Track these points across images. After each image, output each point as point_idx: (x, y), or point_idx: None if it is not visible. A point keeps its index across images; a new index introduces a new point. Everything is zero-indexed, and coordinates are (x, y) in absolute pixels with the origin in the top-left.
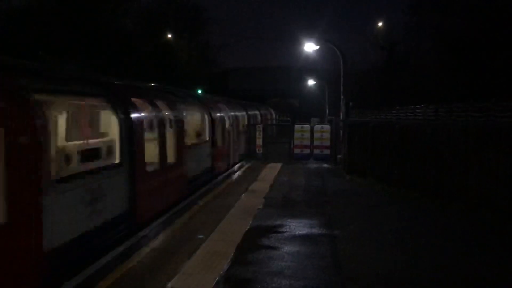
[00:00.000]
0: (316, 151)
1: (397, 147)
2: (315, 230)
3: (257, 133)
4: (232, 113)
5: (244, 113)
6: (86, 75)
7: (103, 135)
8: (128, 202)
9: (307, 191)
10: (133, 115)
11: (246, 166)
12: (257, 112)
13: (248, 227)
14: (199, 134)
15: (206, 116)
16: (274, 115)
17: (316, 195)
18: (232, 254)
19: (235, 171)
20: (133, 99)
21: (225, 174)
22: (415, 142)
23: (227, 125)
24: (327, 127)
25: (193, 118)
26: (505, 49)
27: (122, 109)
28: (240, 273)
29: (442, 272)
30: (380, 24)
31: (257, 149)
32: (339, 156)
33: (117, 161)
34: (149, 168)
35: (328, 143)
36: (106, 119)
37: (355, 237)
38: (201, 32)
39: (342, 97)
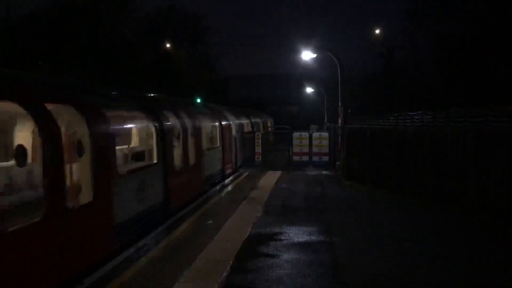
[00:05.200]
0: (315, 158)
1: (396, 153)
2: (314, 237)
3: (256, 140)
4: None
5: (247, 120)
6: None
7: None
8: None
9: (306, 198)
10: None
11: (246, 174)
12: (259, 119)
13: (247, 234)
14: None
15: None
16: (272, 123)
17: (315, 202)
18: (231, 262)
19: (229, 183)
20: (48, 105)
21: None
22: (414, 148)
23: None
24: (325, 134)
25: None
26: (503, 53)
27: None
28: (239, 281)
29: (443, 278)
30: (377, 31)
31: (256, 157)
32: (338, 163)
33: None
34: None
35: (326, 150)
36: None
37: (354, 244)
38: (201, 41)
39: (340, 104)
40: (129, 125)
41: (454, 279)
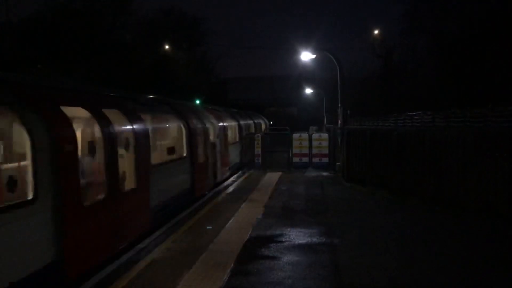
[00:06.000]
0: (315, 160)
1: (396, 154)
2: (315, 239)
3: (256, 142)
4: (221, 123)
5: (235, 123)
6: None
7: None
8: None
9: (306, 200)
10: None
11: (245, 175)
12: (250, 121)
13: (247, 237)
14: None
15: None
16: (267, 125)
17: (316, 203)
18: (232, 264)
19: (229, 185)
20: None
21: (209, 195)
22: (414, 149)
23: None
24: (325, 135)
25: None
26: (501, 53)
27: None
28: (240, 284)
29: (444, 280)
30: (376, 32)
31: (255, 158)
32: (338, 164)
33: None
34: None
35: (326, 151)
36: None
37: (355, 246)
38: (200, 43)
39: (339, 105)
40: None
41: (456, 282)
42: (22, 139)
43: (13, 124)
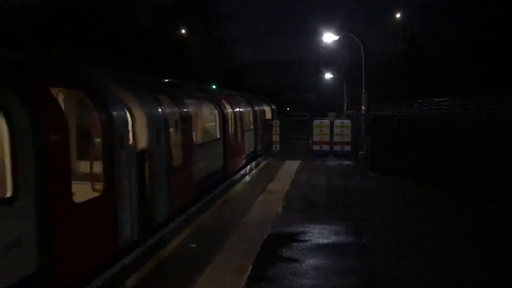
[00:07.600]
0: (336, 148)
1: (425, 143)
2: (341, 238)
3: (274, 129)
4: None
5: (216, 111)
6: None
7: None
8: None
9: (329, 192)
10: None
11: (263, 164)
12: (247, 108)
13: (267, 235)
14: None
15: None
16: (275, 111)
17: (339, 196)
18: (250, 268)
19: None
20: None
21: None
22: (445, 138)
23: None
24: (347, 122)
25: None
26: None
27: None
28: None
29: None
30: (399, 15)
31: (274, 146)
32: (360, 152)
33: None
34: None
35: (349, 139)
36: None
37: (389, 247)
38: (216, 27)
39: (363, 90)
40: None
41: None
42: None
43: None
